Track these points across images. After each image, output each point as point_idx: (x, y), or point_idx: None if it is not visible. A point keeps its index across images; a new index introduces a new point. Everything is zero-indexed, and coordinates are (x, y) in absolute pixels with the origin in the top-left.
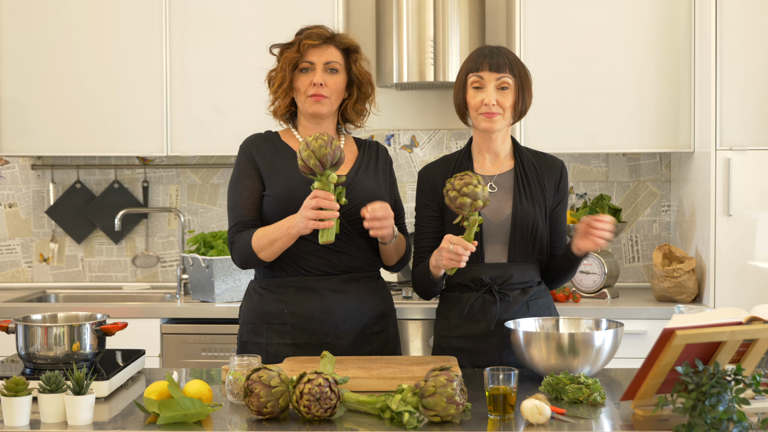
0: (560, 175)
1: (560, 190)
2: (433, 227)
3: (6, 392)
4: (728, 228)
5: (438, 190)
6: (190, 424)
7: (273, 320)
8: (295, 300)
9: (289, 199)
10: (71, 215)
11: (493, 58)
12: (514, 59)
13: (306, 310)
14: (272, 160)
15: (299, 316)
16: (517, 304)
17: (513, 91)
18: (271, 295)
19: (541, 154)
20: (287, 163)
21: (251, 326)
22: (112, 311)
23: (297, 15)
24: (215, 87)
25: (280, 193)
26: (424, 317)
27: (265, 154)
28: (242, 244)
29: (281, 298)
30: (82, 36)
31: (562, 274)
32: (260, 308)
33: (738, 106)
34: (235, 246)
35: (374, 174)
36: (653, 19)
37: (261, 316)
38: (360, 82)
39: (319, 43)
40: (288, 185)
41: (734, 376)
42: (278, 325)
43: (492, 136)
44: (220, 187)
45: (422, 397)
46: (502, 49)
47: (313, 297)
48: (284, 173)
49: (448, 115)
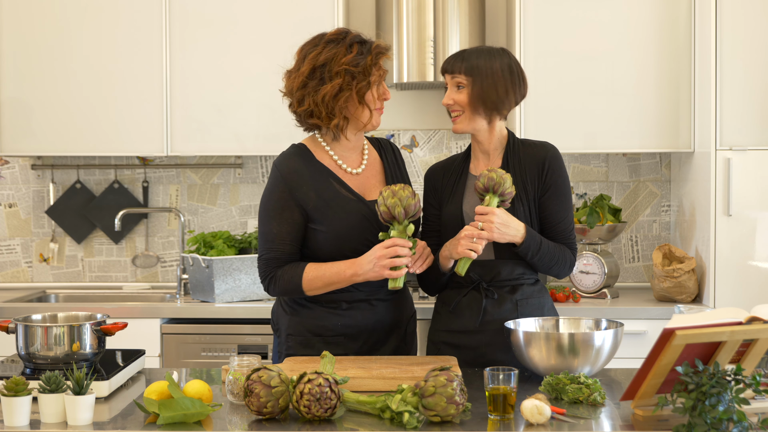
0: (544, 163)
1: (547, 179)
2: (435, 226)
3: (6, 392)
4: (728, 228)
5: (438, 190)
6: (190, 424)
7: (325, 332)
8: (348, 313)
9: (348, 236)
10: (71, 215)
11: (449, 61)
12: (472, 60)
13: (358, 322)
14: (319, 191)
15: (352, 327)
16: (506, 303)
17: (468, 89)
18: (319, 308)
19: (529, 143)
20: (337, 195)
21: (300, 339)
22: (112, 311)
23: (297, 15)
24: (215, 87)
25: (340, 231)
26: (422, 317)
27: (309, 183)
28: (288, 281)
29: (334, 312)
30: (83, 36)
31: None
32: (312, 322)
33: (738, 106)
34: (278, 281)
35: (400, 176)
36: (653, 19)
37: (311, 329)
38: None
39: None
40: (347, 223)
41: (734, 376)
42: (332, 336)
43: (476, 136)
44: (220, 187)
45: (422, 397)
46: (474, 50)
47: (366, 308)
48: (340, 208)
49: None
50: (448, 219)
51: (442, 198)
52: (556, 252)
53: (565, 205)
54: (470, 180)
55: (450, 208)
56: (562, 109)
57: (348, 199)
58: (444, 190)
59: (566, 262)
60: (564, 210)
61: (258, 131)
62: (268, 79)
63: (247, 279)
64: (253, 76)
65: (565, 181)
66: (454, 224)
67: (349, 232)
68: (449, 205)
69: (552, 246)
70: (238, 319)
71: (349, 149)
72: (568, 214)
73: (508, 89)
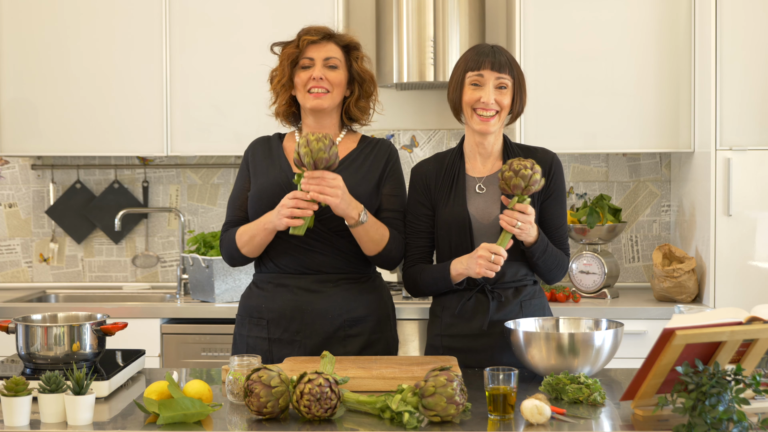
0: (550, 168)
1: (551, 183)
2: (427, 226)
3: (6, 392)
4: (728, 228)
5: (432, 188)
6: (190, 424)
7: (253, 313)
8: (272, 295)
9: (262, 196)
10: (71, 215)
11: (494, 57)
12: (511, 59)
13: (279, 306)
14: (260, 161)
15: (273, 311)
16: (511, 304)
17: (510, 92)
18: (256, 290)
19: (530, 150)
20: (271, 164)
21: (239, 318)
22: (112, 311)
23: (297, 15)
24: (215, 87)
25: (256, 191)
26: (421, 317)
27: (258, 156)
28: (227, 241)
29: (262, 293)
30: (82, 36)
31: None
32: (247, 301)
33: (738, 106)
34: (223, 243)
35: (359, 170)
36: (653, 19)
37: (246, 309)
38: (361, 79)
39: (318, 39)
40: (263, 184)
41: (734, 376)
42: (257, 318)
43: (486, 137)
44: (220, 187)
45: (422, 397)
46: (499, 47)
47: (286, 294)
48: (263, 173)
49: (448, 115)
50: (453, 220)
51: (437, 199)
52: (558, 255)
53: (563, 210)
54: (469, 182)
55: (454, 209)
56: (562, 109)
57: (274, 166)
58: (439, 191)
59: (564, 265)
60: (563, 215)
61: (258, 131)
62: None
63: (247, 279)
64: (253, 76)
65: (565, 187)
66: (460, 226)
67: (263, 193)
68: (451, 207)
69: (554, 248)
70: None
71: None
72: (565, 219)
73: (526, 96)
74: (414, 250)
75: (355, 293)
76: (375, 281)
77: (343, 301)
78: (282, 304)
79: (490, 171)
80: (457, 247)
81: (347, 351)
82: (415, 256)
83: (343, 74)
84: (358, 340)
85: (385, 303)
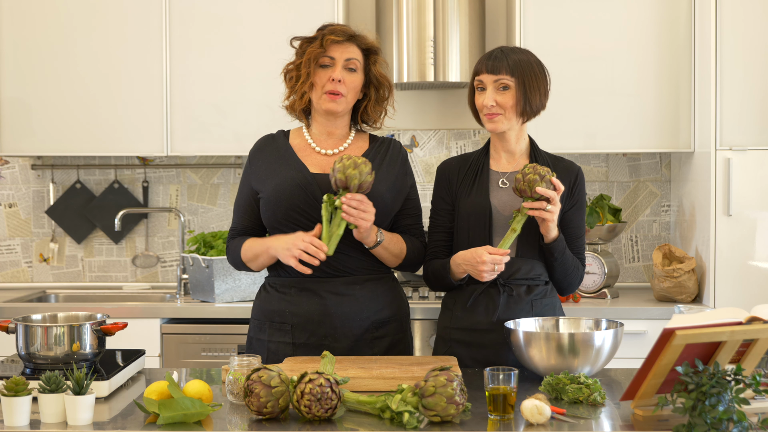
0: (575, 179)
1: (574, 194)
2: (446, 221)
3: (6, 392)
4: (728, 228)
5: (453, 184)
6: (190, 424)
7: (275, 318)
8: (296, 300)
9: (280, 198)
10: (71, 215)
11: (491, 60)
12: (518, 60)
13: (305, 311)
14: (270, 162)
15: (299, 316)
16: (522, 302)
17: (513, 91)
18: (276, 294)
19: (558, 158)
20: (283, 165)
21: (257, 323)
22: (112, 311)
23: (297, 15)
24: (215, 87)
25: (272, 193)
26: (424, 317)
27: (266, 157)
28: (233, 253)
29: (284, 297)
30: (83, 36)
31: (552, 273)
32: (266, 306)
33: (738, 106)
34: (228, 252)
35: (377, 170)
36: (653, 19)
37: (266, 313)
38: (378, 83)
39: (342, 40)
40: (279, 185)
41: (734, 376)
42: (279, 323)
43: (504, 135)
44: (220, 187)
45: (422, 397)
46: (509, 49)
47: (312, 298)
48: (276, 175)
49: (448, 115)
50: (474, 210)
51: (458, 192)
52: (575, 261)
53: (583, 222)
54: (492, 176)
55: (476, 200)
56: (562, 108)
57: (289, 166)
58: (461, 184)
59: (580, 274)
60: (582, 227)
61: (258, 131)
62: (268, 79)
63: (247, 279)
64: (253, 76)
65: (585, 200)
66: (481, 216)
67: (278, 196)
68: (473, 198)
69: (572, 254)
70: (238, 319)
71: (324, 133)
72: (583, 231)
73: (546, 89)
74: (434, 245)
75: (380, 293)
76: (393, 279)
77: (371, 302)
78: (308, 308)
79: (515, 167)
80: (474, 238)
81: (374, 353)
82: (434, 252)
83: (360, 78)
84: (384, 341)
85: (405, 302)
